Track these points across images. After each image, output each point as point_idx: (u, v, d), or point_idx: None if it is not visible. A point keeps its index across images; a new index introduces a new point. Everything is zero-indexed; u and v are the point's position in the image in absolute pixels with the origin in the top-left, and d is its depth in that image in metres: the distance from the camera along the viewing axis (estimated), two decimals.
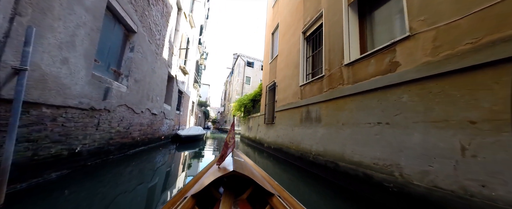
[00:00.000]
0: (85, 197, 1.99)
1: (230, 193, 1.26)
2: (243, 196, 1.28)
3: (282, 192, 1.29)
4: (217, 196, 1.32)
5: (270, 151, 6.16)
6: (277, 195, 1.16)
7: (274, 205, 1.07)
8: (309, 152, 3.81)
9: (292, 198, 1.21)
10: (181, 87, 9.01)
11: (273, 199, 1.11)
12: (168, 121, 7.16)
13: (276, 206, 1.06)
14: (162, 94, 6.06)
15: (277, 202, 1.08)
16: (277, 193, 1.21)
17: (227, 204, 1.08)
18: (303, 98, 4.40)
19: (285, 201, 1.11)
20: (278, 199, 1.10)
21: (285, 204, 1.06)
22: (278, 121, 5.89)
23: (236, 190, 1.36)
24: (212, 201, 1.30)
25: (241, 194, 1.31)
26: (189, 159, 5.12)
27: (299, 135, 4.36)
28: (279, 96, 6.07)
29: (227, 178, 1.41)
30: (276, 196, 1.13)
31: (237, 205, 1.13)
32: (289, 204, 1.10)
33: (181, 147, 6.97)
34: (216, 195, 1.34)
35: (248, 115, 10.64)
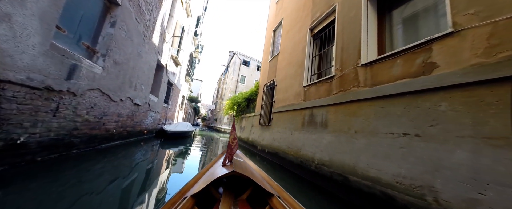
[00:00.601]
0: (29, 198, 1.57)
1: (230, 193, 1.25)
2: (243, 196, 1.28)
3: (282, 193, 1.28)
4: (217, 196, 1.30)
5: (264, 155, 5.71)
6: (277, 196, 1.15)
7: (273, 206, 1.07)
8: (311, 160, 3.41)
9: (292, 199, 1.21)
10: (171, 79, 8.31)
11: (272, 200, 1.11)
12: (153, 114, 6.47)
13: (275, 206, 1.05)
14: (148, 84, 5.39)
15: (277, 202, 1.07)
16: (276, 193, 1.21)
17: (227, 204, 1.08)
18: (307, 100, 4.01)
19: (284, 202, 1.10)
20: (278, 199, 1.10)
21: (285, 204, 1.05)
22: (275, 122, 5.46)
23: (236, 190, 1.35)
24: (212, 201, 1.28)
25: (241, 195, 1.31)
26: (173, 157, 4.54)
27: (299, 140, 3.95)
28: (278, 97, 5.65)
29: (227, 178, 1.42)
30: (275, 196, 1.13)
31: (237, 206, 1.13)
32: (289, 204, 1.10)
33: (166, 143, 6.32)
34: (216, 195, 1.31)
35: (241, 115, 10.13)
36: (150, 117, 6.15)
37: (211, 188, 1.31)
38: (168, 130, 6.50)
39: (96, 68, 2.91)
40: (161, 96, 7.16)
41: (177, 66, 8.94)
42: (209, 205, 1.25)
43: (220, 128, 21.79)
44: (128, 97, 4.17)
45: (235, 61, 23.81)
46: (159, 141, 6.53)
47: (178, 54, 8.75)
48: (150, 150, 5.03)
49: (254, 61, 25.10)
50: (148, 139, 6.30)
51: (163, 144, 6.27)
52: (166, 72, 7.31)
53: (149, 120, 6.09)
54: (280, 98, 5.48)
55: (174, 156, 4.66)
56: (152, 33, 4.93)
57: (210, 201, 1.29)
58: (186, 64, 11.41)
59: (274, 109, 5.73)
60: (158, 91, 6.70)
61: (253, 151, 6.64)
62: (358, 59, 2.84)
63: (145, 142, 5.69)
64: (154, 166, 3.45)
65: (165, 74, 7.12)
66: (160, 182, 2.62)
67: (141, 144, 5.33)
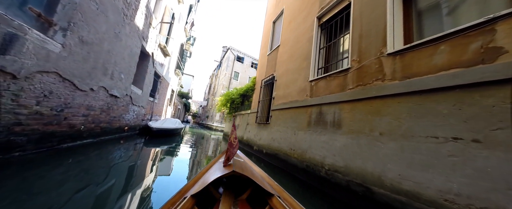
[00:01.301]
0: None
1: (230, 193, 1.25)
2: (243, 196, 1.27)
3: (282, 193, 1.28)
4: (217, 196, 1.30)
5: (261, 156, 5.21)
6: (277, 196, 1.14)
7: (273, 206, 1.06)
8: (319, 165, 2.95)
9: (292, 199, 1.20)
10: (159, 70, 7.52)
11: (273, 200, 1.10)
12: (136, 108, 5.71)
13: (275, 206, 1.05)
14: (129, 73, 4.65)
15: (277, 202, 1.07)
16: (277, 193, 1.20)
17: (227, 204, 1.07)
18: (314, 96, 3.54)
19: (285, 202, 1.10)
20: (278, 199, 1.09)
21: (285, 204, 1.04)
22: (274, 121, 4.97)
23: (236, 190, 1.35)
24: (212, 201, 1.28)
25: (241, 194, 1.30)
26: (159, 157, 3.92)
27: (304, 141, 3.49)
28: (278, 93, 5.15)
29: (227, 178, 1.42)
30: (275, 196, 1.12)
31: (237, 206, 1.13)
32: (289, 204, 1.10)
33: (152, 141, 5.62)
34: (216, 195, 1.31)
35: (235, 112, 9.55)
36: (132, 112, 5.39)
37: (211, 188, 1.30)
38: (154, 126, 5.79)
39: (52, 44, 2.21)
40: (146, 89, 6.38)
41: (165, 57, 8.13)
42: (209, 205, 1.25)
43: (211, 126, 21.03)
44: (101, 86, 3.45)
45: (228, 56, 23.01)
46: (143, 139, 5.80)
47: (167, 44, 7.94)
48: (132, 149, 4.35)
49: (248, 58, 24.45)
50: (130, 136, 5.55)
51: (148, 142, 5.57)
52: (153, 62, 6.53)
53: (130, 114, 5.34)
54: (280, 95, 4.99)
55: (159, 156, 4.04)
56: (134, 13, 4.19)
57: (210, 201, 1.28)
58: (177, 56, 10.56)
59: (273, 106, 5.24)
60: (142, 83, 5.93)
61: (249, 152, 6.12)
62: (382, 48, 2.39)
63: (126, 140, 4.97)
64: (135, 168, 2.90)
65: (151, 64, 6.35)
66: (141, 186, 2.17)
67: (121, 142, 4.62)
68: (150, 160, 3.70)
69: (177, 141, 6.87)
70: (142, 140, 5.72)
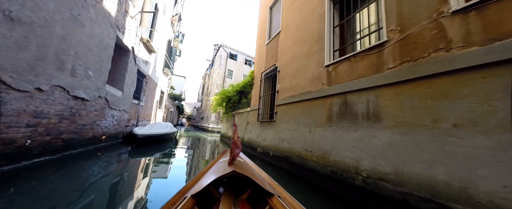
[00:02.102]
0: None
1: (230, 193, 1.24)
2: (243, 196, 1.25)
3: (282, 193, 1.26)
4: (217, 196, 1.28)
5: (268, 159, 4.50)
6: (277, 196, 1.13)
7: (274, 206, 1.05)
8: (351, 171, 2.28)
9: (292, 199, 1.18)
10: (143, 69, 6.61)
11: (273, 200, 1.09)
12: (116, 113, 4.84)
13: (276, 206, 1.03)
14: (101, 69, 3.78)
15: (277, 202, 1.05)
16: (277, 193, 1.18)
17: (227, 204, 1.06)
18: (334, 83, 2.86)
19: (285, 202, 1.09)
20: (278, 199, 1.08)
21: (285, 204, 1.03)
22: (281, 118, 4.26)
23: (236, 190, 1.33)
24: (212, 201, 1.27)
25: (241, 194, 1.28)
26: (146, 169, 3.16)
27: (325, 140, 2.81)
28: (283, 85, 4.44)
29: (227, 178, 1.40)
30: (276, 196, 1.11)
31: (237, 206, 1.12)
32: (289, 204, 1.09)
33: (138, 150, 4.80)
34: (216, 195, 1.29)
35: (233, 111, 8.79)
36: (110, 117, 4.52)
37: (211, 188, 1.27)
38: (139, 133, 4.94)
39: None
40: (128, 90, 5.49)
41: (151, 53, 7.22)
42: (209, 205, 1.23)
43: (207, 127, 20.13)
44: (56, 86, 2.59)
45: (221, 54, 22.06)
46: (128, 148, 4.95)
47: (151, 38, 7.03)
48: (114, 161, 3.54)
49: (241, 55, 23.60)
50: (111, 146, 4.68)
51: (134, 151, 4.74)
52: (135, 59, 5.63)
53: (109, 121, 4.47)
54: (286, 87, 4.28)
55: (146, 168, 3.25)
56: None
57: (210, 201, 1.27)
58: (164, 54, 9.61)
59: (278, 101, 4.53)
60: (122, 83, 5.05)
61: (252, 154, 5.40)
62: (440, 6, 1.72)
63: (104, 151, 4.11)
64: (119, 184, 2.35)
65: (132, 60, 5.45)
66: None
67: (98, 155, 3.78)
68: (136, 172, 2.97)
69: (169, 147, 6.04)
70: (127, 149, 4.86)
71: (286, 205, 1.03)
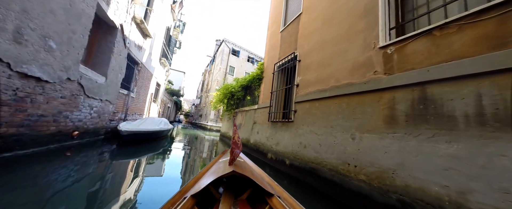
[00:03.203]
0: None
1: (230, 193, 1.24)
2: (243, 196, 1.25)
3: (282, 193, 1.26)
4: (217, 196, 1.27)
5: (283, 168, 3.62)
6: (277, 196, 1.12)
7: (273, 206, 1.04)
8: (448, 207, 1.40)
9: (292, 199, 1.18)
10: (135, 54, 5.67)
11: (273, 200, 1.08)
12: (96, 103, 3.91)
13: (275, 206, 1.03)
14: (72, 43, 2.86)
15: (277, 202, 1.05)
16: (277, 193, 1.18)
17: (227, 204, 1.06)
18: (399, 70, 1.98)
19: (285, 202, 1.08)
20: (278, 199, 1.07)
21: (285, 204, 1.03)
22: (302, 118, 3.38)
23: (236, 190, 1.34)
24: (212, 201, 1.26)
25: (241, 194, 1.28)
26: (133, 180, 2.29)
27: (383, 153, 1.93)
28: (305, 77, 3.56)
29: (227, 178, 1.40)
30: (276, 196, 1.10)
31: (237, 206, 1.11)
32: (289, 204, 1.08)
33: (122, 150, 3.92)
34: (216, 195, 1.28)
35: (236, 108, 7.89)
36: (86, 108, 3.59)
37: (211, 188, 1.27)
38: (124, 129, 4.01)
39: None
40: (115, 76, 4.56)
41: (145, 38, 6.28)
42: (209, 205, 1.23)
43: (205, 125, 19.20)
44: None
45: (223, 50, 21.11)
46: (112, 147, 4.05)
47: (146, 20, 6.09)
48: (90, 163, 2.73)
49: (244, 51, 22.68)
50: (87, 145, 3.77)
51: (117, 151, 3.85)
52: (124, 40, 4.70)
53: (84, 112, 3.53)
54: (310, 80, 3.40)
55: (132, 173, 2.39)
56: None
57: (210, 201, 1.26)
58: (162, 42, 8.66)
59: (297, 97, 3.65)
60: (106, 67, 4.11)
61: (260, 160, 4.51)
62: None
63: (78, 151, 3.21)
64: (90, 195, 1.71)
65: (120, 41, 4.51)
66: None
67: (67, 156, 2.88)
68: (118, 179, 2.26)
69: (162, 146, 5.13)
70: (109, 148, 3.96)
71: (286, 205, 1.02)
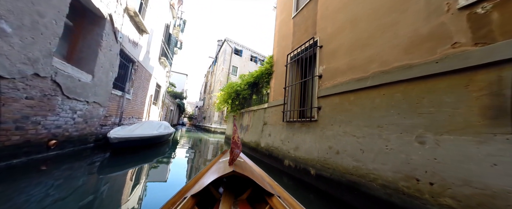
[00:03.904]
0: None
1: (230, 193, 1.24)
2: (243, 196, 1.25)
3: (282, 193, 1.26)
4: (217, 196, 1.27)
5: (307, 179, 2.93)
6: (277, 196, 1.12)
7: (273, 206, 1.04)
8: None
9: (292, 199, 1.17)
10: (130, 51, 5.09)
11: (273, 200, 1.08)
12: (80, 106, 3.31)
13: (275, 206, 1.03)
14: (37, 28, 2.26)
15: (277, 202, 1.04)
16: (277, 193, 1.17)
17: (227, 204, 1.07)
18: (510, 35, 1.26)
19: (285, 202, 1.08)
20: (278, 199, 1.07)
21: (285, 204, 1.02)
22: (330, 115, 2.70)
23: (236, 190, 1.34)
24: (212, 201, 1.26)
25: (241, 194, 1.28)
26: (124, 200, 1.65)
27: (490, 166, 1.22)
28: (332, 65, 2.88)
29: (227, 178, 1.41)
30: (276, 196, 1.10)
31: (237, 206, 1.12)
32: (289, 204, 1.08)
33: (115, 160, 3.36)
34: (216, 195, 1.28)
35: (241, 109, 7.24)
36: (66, 112, 2.99)
37: (211, 188, 1.27)
38: (115, 135, 3.39)
39: None
40: (104, 75, 3.96)
41: (141, 34, 5.71)
42: (209, 205, 1.22)
43: (209, 127, 18.62)
44: None
45: (225, 49, 20.57)
46: (102, 157, 3.46)
47: (141, 13, 5.52)
48: (74, 177, 2.21)
49: (247, 51, 22.10)
50: (72, 155, 3.19)
51: (108, 162, 3.26)
52: (115, 34, 4.11)
53: (63, 117, 2.93)
54: (339, 67, 2.71)
55: (123, 190, 1.76)
56: None
57: (210, 201, 1.26)
58: (161, 40, 8.11)
59: (321, 90, 2.96)
60: (93, 63, 3.52)
61: (274, 167, 3.82)
62: None
63: (57, 163, 2.63)
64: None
65: (110, 34, 3.93)
66: None
67: (41, 170, 2.29)
68: (105, 198, 1.66)
69: (162, 153, 4.51)
70: (100, 158, 3.37)
71: (286, 205, 1.02)
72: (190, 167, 3.70)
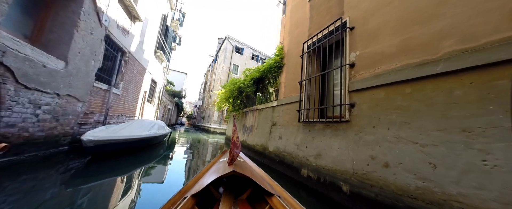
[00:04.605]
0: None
1: (230, 193, 1.23)
2: (243, 196, 1.25)
3: (282, 193, 1.25)
4: (217, 196, 1.27)
5: (335, 196, 2.27)
6: (277, 196, 1.11)
7: (274, 205, 1.03)
8: None
9: (292, 199, 1.17)
10: (119, 39, 4.42)
11: (273, 199, 1.07)
12: (47, 99, 2.65)
13: (276, 206, 1.02)
14: None
15: (277, 202, 1.04)
16: (277, 193, 1.17)
17: (227, 204, 1.05)
18: None
19: (285, 202, 1.07)
20: (278, 199, 1.06)
21: (285, 204, 1.02)
22: (369, 115, 2.05)
23: (236, 190, 1.33)
24: (212, 201, 1.25)
25: (241, 194, 1.28)
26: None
27: None
28: (371, 50, 2.23)
29: (227, 178, 1.39)
30: (276, 196, 1.09)
31: (237, 205, 1.11)
32: (289, 204, 1.08)
33: (97, 166, 2.73)
34: (216, 195, 1.28)
35: (244, 108, 6.58)
36: (24, 105, 2.32)
37: (211, 188, 1.26)
38: (88, 138, 2.64)
39: None
40: (84, 63, 3.29)
41: (133, 21, 5.04)
42: (209, 205, 1.22)
43: (208, 127, 17.92)
44: None
45: (226, 47, 19.92)
46: (80, 162, 2.81)
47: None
48: (24, 194, 1.48)
49: (248, 49, 21.46)
50: (33, 162, 2.53)
51: (86, 169, 2.64)
52: (98, 15, 3.44)
53: (18, 112, 2.26)
54: (385, 51, 2.06)
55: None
56: None
57: (210, 201, 1.26)
58: (157, 32, 7.42)
59: (356, 82, 2.31)
60: (66, 47, 2.84)
61: (288, 177, 3.14)
62: None
63: (6, 173, 1.95)
64: None
65: (92, 15, 3.26)
66: None
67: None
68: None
69: (155, 157, 3.84)
70: (76, 165, 2.72)
71: (286, 205, 1.02)
72: (187, 174, 3.03)
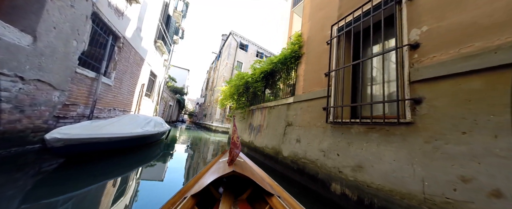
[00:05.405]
0: None
1: (230, 193, 1.23)
2: (243, 196, 1.25)
3: (282, 193, 1.25)
4: (217, 196, 1.27)
5: None
6: (277, 196, 1.11)
7: (273, 206, 1.04)
8: None
9: (292, 199, 1.18)
10: (111, 20, 3.80)
11: (272, 200, 1.07)
12: (5, 84, 1.97)
13: (275, 206, 1.02)
14: None
15: (277, 202, 1.04)
16: (277, 193, 1.18)
17: (227, 204, 1.06)
18: None
19: (285, 202, 1.08)
20: (278, 199, 1.07)
21: (285, 204, 1.02)
22: (453, 115, 1.38)
23: (236, 190, 1.33)
24: (212, 201, 1.25)
25: (241, 194, 1.28)
26: None
27: None
28: (458, 20, 1.54)
29: (227, 178, 1.40)
30: (276, 196, 1.10)
31: (237, 205, 1.11)
32: (289, 204, 1.08)
33: (73, 170, 2.07)
34: (216, 195, 1.28)
35: (250, 106, 5.94)
36: None
37: (211, 188, 1.26)
38: (54, 136, 1.98)
39: None
40: (61, 42, 2.66)
41: (129, 2, 4.40)
42: (209, 205, 1.22)
43: (210, 126, 17.32)
44: None
45: (230, 43, 19.27)
46: (54, 163, 2.20)
47: None
48: None
49: (253, 46, 20.79)
50: None
51: (57, 174, 2.01)
52: None
53: None
54: (481, 21, 1.37)
55: None
56: None
57: (210, 201, 1.26)
58: (158, 19, 6.79)
59: (425, 70, 1.64)
60: (36, 18, 2.22)
61: (308, 188, 2.47)
62: None
63: None
64: None
65: None
66: None
67: None
68: None
69: (149, 159, 3.21)
70: (50, 167, 2.12)
71: (286, 205, 1.02)
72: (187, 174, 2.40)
